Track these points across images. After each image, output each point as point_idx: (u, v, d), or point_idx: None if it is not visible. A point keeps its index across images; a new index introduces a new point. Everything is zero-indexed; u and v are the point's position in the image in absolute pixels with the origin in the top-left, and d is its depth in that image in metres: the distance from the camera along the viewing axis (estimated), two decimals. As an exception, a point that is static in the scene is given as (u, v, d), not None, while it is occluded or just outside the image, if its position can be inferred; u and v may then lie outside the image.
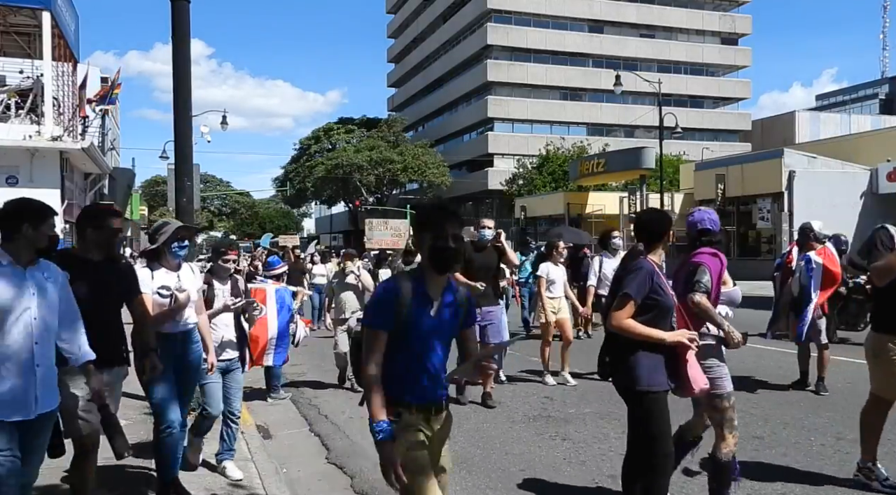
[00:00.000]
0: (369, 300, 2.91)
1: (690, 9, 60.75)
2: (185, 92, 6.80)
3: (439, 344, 2.87)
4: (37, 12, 17.06)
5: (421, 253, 2.89)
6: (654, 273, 3.68)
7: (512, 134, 57.74)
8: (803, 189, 26.08)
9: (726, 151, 45.60)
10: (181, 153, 6.91)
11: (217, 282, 5.09)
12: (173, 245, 4.45)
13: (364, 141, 58.25)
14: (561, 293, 8.46)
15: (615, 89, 30.04)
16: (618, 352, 3.70)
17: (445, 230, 2.79)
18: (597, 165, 36.18)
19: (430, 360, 2.84)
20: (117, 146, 35.11)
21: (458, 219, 2.89)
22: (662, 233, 3.89)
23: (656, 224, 3.90)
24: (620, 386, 3.75)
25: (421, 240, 2.87)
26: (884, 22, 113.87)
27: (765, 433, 5.93)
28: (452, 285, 2.96)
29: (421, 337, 2.80)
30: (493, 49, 57.29)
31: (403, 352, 2.79)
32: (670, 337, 3.61)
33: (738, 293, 4.63)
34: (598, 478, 4.93)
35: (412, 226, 2.92)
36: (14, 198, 3.26)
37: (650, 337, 3.60)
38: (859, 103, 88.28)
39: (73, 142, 17.40)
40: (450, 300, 2.90)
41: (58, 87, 18.50)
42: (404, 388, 2.79)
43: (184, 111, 6.83)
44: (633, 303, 3.61)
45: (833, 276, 7.37)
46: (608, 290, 4.08)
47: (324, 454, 5.76)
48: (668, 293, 3.74)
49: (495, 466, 5.26)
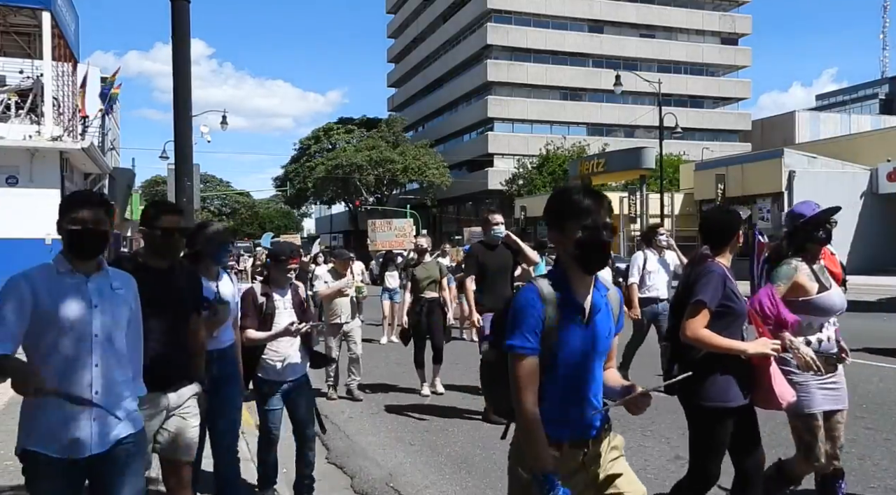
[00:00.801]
0: (510, 317, 2.30)
1: (690, 9, 60.75)
2: (185, 92, 6.80)
3: (595, 362, 2.36)
4: (37, 12, 17.06)
5: (560, 247, 2.37)
6: (726, 277, 3.40)
7: (512, 134, 57.73)
8: (803, 189, 26.08)
9: (726, 151, 45.64)
10: (181, 153, 6.90)
11: (277, 295, 4.44)
12: (218, 249, 4.03)
13: (364, 141, 58.25)
14: None
15: (615, 89, 30.06)
16: (690, 365, 3.26)
17: (597, 218, 2.28)
18: (597, 165, 36.19)
19: (587, 384, 2.34)
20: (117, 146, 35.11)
21: (609, 205, 2.37)
22: (732, 235, 3.55)
23: (725, 225, 3.57)
24: (685, 401, 3.41)
25: (561, 230, 2.33)
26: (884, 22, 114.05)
27: (764, 433, 5.90)
28: (599, 284, 2.43)
29: (574, 355, 2.29)
30: (493, 49, 57.29)
31: (551, 375, 2.28)
32: (752, 348, 3.28)
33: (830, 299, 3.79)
34: (598, 478, 4.92)
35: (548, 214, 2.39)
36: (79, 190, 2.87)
37: (730, 349, 3.27)
38: (859, 103, 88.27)
39: (73, 142, 17.39)
40: (600, 304, 2.38)
41: (58, 87, 18.50)
42: (554, 423, 2.28)
43: (184, 111, 6.83)
44: (707, 311, 3.28)
45: (833, 276, 7.37)
46: (673, 296, 3.72)
47: (324, 454, 5.76)
48: (741, 299, 3.44)
49: (495, 466, 5.26)
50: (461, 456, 5.54)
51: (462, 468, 5.23)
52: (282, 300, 4.43)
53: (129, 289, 2.77)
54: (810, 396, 3.68)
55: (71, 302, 2.54)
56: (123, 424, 2.68)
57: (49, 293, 2.53)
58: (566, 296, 2.30)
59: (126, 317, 2.71)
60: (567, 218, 2.32)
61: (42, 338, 2.51)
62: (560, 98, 58.88)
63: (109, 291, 2.65)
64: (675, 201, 34.28)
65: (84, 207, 2.58)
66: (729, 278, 3.42)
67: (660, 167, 31.12)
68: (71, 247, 2.60)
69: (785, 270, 3.77)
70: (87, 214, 2.56)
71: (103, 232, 2.60)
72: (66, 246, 2.61)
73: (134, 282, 2.81)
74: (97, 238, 2.59)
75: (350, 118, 64.32)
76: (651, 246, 8.33)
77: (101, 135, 24.17)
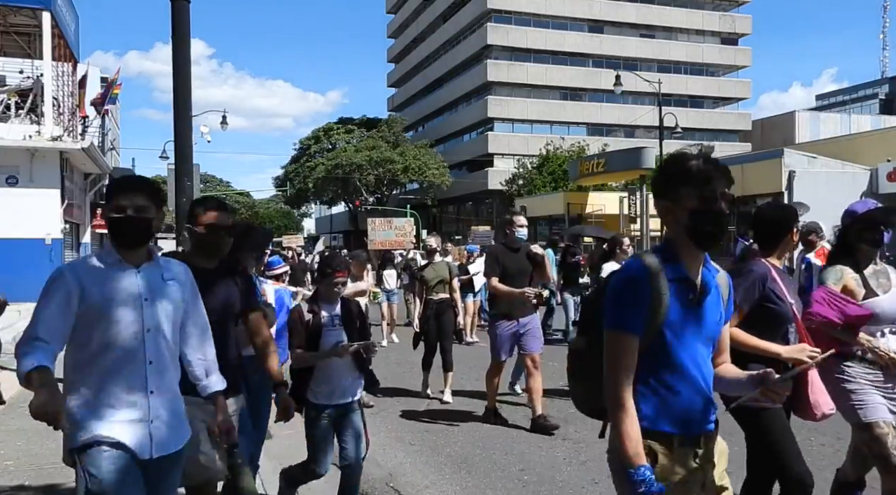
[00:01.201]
0: (611, 293, 2.09)
1: (690, 9, 60.75)
2: (185, 92, 6.80)
3: (706, 347, 2.13)
4: (37, 12, 17.06)
5: (670, 218, 2.13)
6: (767, 277, 3.24)
7: (512, 134, 57.73)
8: (803, 189, 26.08)
9: (726, 151, 45.62)
10: (181, 153, 6.90)
11: (325, 311, 4.10)
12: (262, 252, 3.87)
13: (364, 141, 58.24)
14: None
15: (615, 89, 30.06)
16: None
17: (716, 187, 2.04)
18: (597, 165, 36.17)
19: (699, 371, 2.08)
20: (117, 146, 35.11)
21: (729, 174, 2.11)
22: (785, 232, 3.35)
23: (777, 221, 3.38)
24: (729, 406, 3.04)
25: (674, 199, 2.09)
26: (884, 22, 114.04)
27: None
28: (710, 264, 2.19)
29: (683, 339, 2.05)
30: (493, 49, 57.28)
31: (658, 361, 2.05)
32: (786, 351, 3.11)
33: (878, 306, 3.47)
34: (599, 478, 4.92)
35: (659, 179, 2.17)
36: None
37: (762, 350, 3.13)
38: (859, 103, 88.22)
39: (73, 142, 17.39)
40: (712, 284, 2.14)
41: (58, 87, 18.50)
42: (661, 415, 2.05)
43: (184, 111, 6.83)
44: (739, 310, 3.11)
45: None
46: None
47: (324, 454, 5.75)
48: (786, 301, 3.25)
49: (495, 466, 5.26)
50: (461, 456, 5.54)
51: (462, 468, 5.23)
52: (329, 316, 4.09)
53: (184, 280, 2.58)
54: (866, 406, 3.42)
55: (120, 294, 2.37)
56: (178, 429, 2.51)
57: (97, 286, 2.35)
58: (676, 272, 2.05)
59: (179, 309, 2.53)
60: (681, 184, 2.08)
61: (91, 334, 2.34)
62: (560, 98, 58.88)
63: (160, 282, 2.48)
64: (675, 201, 34.26)
65: (127, 193, 2.41)
66: (772, 278, 3.26)
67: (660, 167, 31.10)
68: (114, 236, 2.44)
69: (831, 272, 3.57)
70: (130, 201, 2.40)
71: (147, 219, 2.43)
72: (110, 234, 2.47)
73: (189, 273, 2.62)
74: (141, 226, 2.42)
75: (350, 118, 64.33)
76: None
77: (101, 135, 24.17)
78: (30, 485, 4.74)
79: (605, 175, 36.35)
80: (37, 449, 5.54)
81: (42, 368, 2.16)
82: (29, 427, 6.20)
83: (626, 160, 33.97)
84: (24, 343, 2.24)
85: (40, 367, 2.16)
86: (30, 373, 2.14)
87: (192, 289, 2.61)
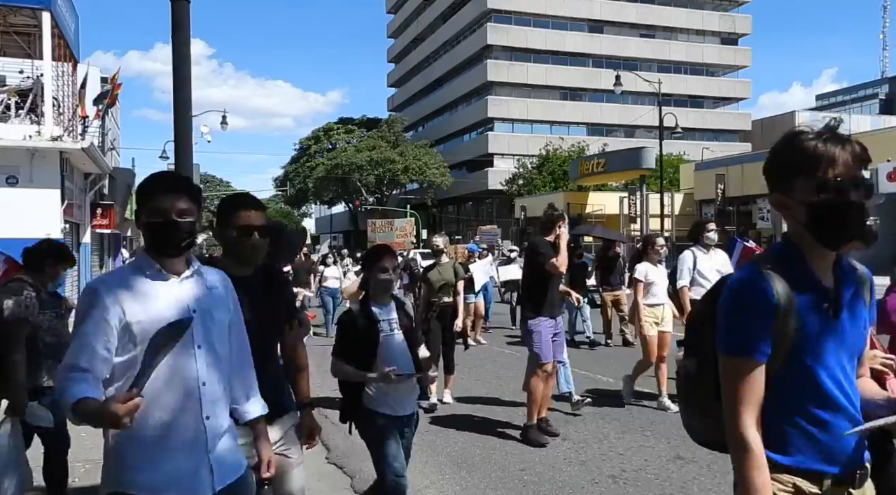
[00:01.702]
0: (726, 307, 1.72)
1: (690, 9, 60.79)
2: (185, 92, 6.79)
3: (850, 363, 1.74)
4: (37, 12, 17.05)
5: (788, 214, 1.73)
6: None
7: (512, 134, 57.78)
8: (803, 189, 26.09)
9: (726, 151, 45.66)
10: (181, 153, 6.90)
11: (380, 314, 3.58)
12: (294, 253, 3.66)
13: (364, 141, 58.31)
14: (664, 299, 7.05)
15: (615, 89, 30.07)
16: None
17: (843, 171, 1.65)
18: (597, 165, 36.22)
19: (846, 394, 1.71)
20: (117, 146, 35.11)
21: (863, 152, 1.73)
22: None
23: None
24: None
25: (789, 192, 1.71)
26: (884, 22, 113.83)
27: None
28: (844, 262, 1.79)
29: (824, 358, 1.68)
30: (493, 49, 57.31)
31: (796, 390, 1.69)
32: None
33: None
34: (598, 478, 4.92)
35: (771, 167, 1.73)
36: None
37: None
38: (859, 103, 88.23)
39: (73, 142, 17.38)
40: (849, 288, 1.75)
41: (58, 87, 18.49)
42: (808, 452, 1.68)
43: (184, 111, 6.82)
44: None
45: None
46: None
47: (324, 454, 5.75)
48: None
49: (495, 466, 5.26)
50: (461, 456, 5.53)
51: (462, 468, 5.23)
52: (386, 321, 3.56)
53: (227, 289, 2.30)
54: None
55: (165, 308, 2.07)
56: (236, 454, 2.22)
57: (137, 301, 2.06)
58: (804, 278, 1.68)
59: (227, 322, 2.24)
60: (798, 173, 1.68)
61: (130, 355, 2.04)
62: (560, 98, 58.92)
63: (206, 292, 2.19)
64: (675, 201, 34.31)
65: (168, 195, 2.11)
66: None
67: (660, 167, 31.13)
68: (153, 244, 2.13)
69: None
70: (172, 203, 2.10)
71: (191, 224, 2.14)
72: (148, 242, 2.16)
73: (228, 282, 2.33)
74: (183, 231, 2.12)
75: (350, 118, 64.41)
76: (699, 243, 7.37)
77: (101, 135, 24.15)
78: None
79: (605, 175, 36.41)
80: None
81: (88, 400, 1.86)
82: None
83: (626, 160, 34.01)
84: (64, 373, 1.96)
85: (86, 398, 1.85)
86: (75, 406, 1.84)
87: (234, 301, 2.32)
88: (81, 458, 5.10)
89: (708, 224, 7.58)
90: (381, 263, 3.56)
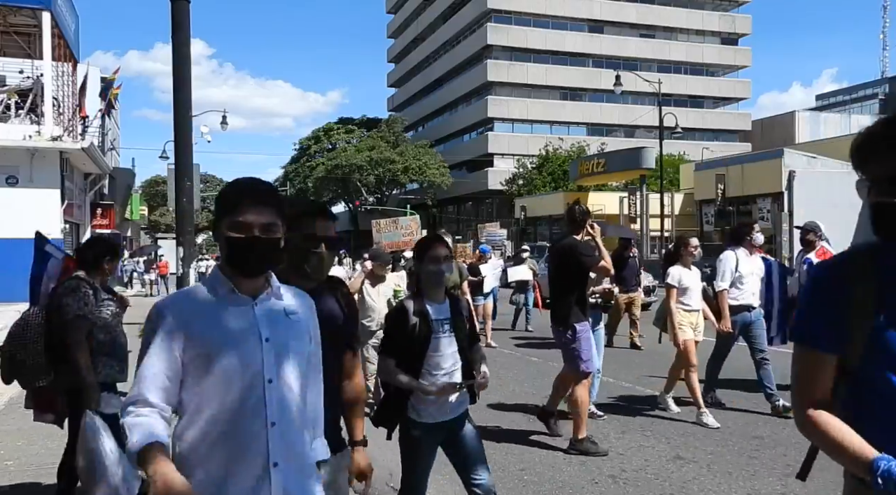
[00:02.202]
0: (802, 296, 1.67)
1: (690, 9, 60.79)
2: (185, 92, 6.81)
3: None
4: (37, 12, 17.07)
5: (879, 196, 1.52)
6: None
7: (512, 134, 57.77)
8: (803, 189, 26.09)
9: (726, 151, 45.66)
10: (181, 153, 6.90)
11: (434, 313, 3.24)
12: None
13: (364, 141, 58.30)
14: (699, 305, 6.63)
15: (615, 89, 30.08)
16: None
17: None
18: (597, 165, 36.21)
19: None
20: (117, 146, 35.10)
21: None
22: None
23: None
24: None
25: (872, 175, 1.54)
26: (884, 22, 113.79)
27: (765, 433, 5.93)
28: None
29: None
30: (493, 49, 57.31)
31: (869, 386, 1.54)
32: None
33: None
34: (598, 478, 4.92)
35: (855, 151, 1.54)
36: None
37: None
38: (859, 103, 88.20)
39: (73, 142, 17.39)
40: None
41: (58, 87, 18.51)
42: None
43: (184, 111, 6.84)
44: None
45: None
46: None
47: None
48: None
49: (495, 466, 5.25)
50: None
51: (462, 468, 5.23)
52: (439, 320, 3.25)
53: (308, 313, 2.02)
54: None
55: (236, 337, 1.83)
56: None
57: (205, 325, 1.83)
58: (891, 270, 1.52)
59: (305, 353, 1.96)
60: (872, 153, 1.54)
61: (196, 389, 1.82)
62: (560, 98, 58.91)
63: (283, 319, 1.92)
64: (675, 201, 34.29)
65: (255, 208, 1.86)
66: None
67: (660, 167, 31.13)
68: (231, 260, 1.89)
69: None
70: (257, 217, 1.85)
71: (275, 241, 1.89)
72: (226, 258, 1.90)
73: (311, 302, 2.06)
74: (270, 250, 1.88)
75: (350, 118, 64.39)
76: (741, 243, 6.89)
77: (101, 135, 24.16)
78: (30, 485, 4.73)
79: (605, 175, 36.38)
80: (37, 449, 5.54)
81: (155, 446, 1.68)
82: (29, 427, 6.20)
83: (626, 160, 33.99)
84: (129, 407, 1.76)
85: (153, 444, 1.68)
86: (142, 453, 1.67)
87: (315, 325, 2.03)
88: (81, 458, 5.11)
89: (755, 224, 7.22)
90: (430, 253, 3.22)
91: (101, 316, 3.90)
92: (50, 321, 3.84)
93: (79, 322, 3.76)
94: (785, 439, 5.76)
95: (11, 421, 6.48)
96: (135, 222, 38.39)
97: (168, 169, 14.39)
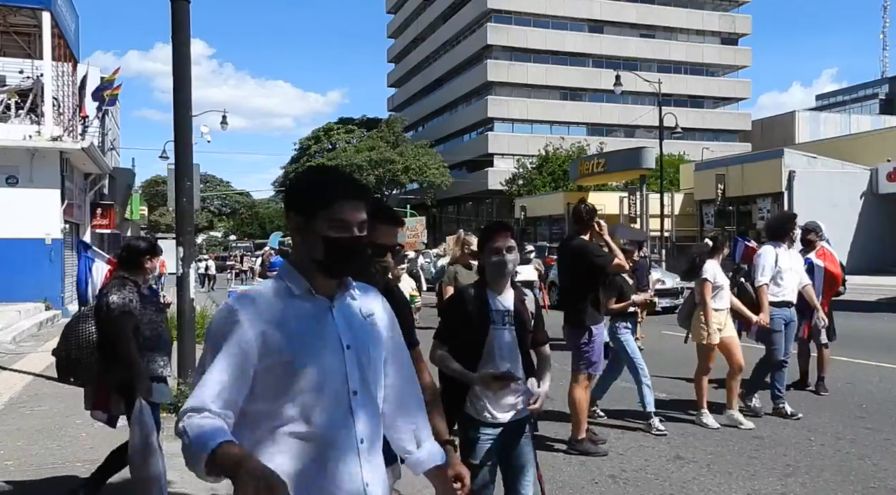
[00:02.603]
0: None
1: (690, 9, 60.78)
2: (186, 92, 6.80)
3: None
4: (37, 12, 17.06)
5: None
6: None
7: (512, 134, 57.75)
8: (803, 189, 26.11)
9: (726, 151, 45.66)
10: (181, 153, 6.90)
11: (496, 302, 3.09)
12: None
13: (364, 141, 58.31)
14: (727, 304, 6.27)
15: (615, 89, 30.05)
16: None
17: None
18: (597, 165, 36.17)
19: None
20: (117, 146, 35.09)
21: None
22: None
23: None
24: None
25: None
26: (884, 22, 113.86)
27: (765, 433, 5.93)
28: None
29: None
30: (493, 49, 57.30)
31: None
32: None
33: None
34: (598, 478, 4.92)
35: None
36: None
37: None
38: (859, 103, 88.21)
39: (73, 142, 17.38)
40: None
41: (58, 87, 18.49)
42: None
43: (184, 111, 6.83)
44: None
45: (834, 277, 7.40)
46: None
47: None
48: None
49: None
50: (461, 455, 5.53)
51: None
52: (499, 311, 3.06)
53: (381, 309, 1.85)
54: None
55: (315, 341, 1.65)
56: None
57: (283, 330, 1.63)
58: None
59: (382, 359, 1.79)
60: None
61: (274, 404, 1.62)
62: (560, 98, 58.91)
63: (361, 321, 1.75)
64: (675, 201, 34.27)
65: (352, 204, 1.69)
66: None
67: (660, 167, 31.10)
68: (326, 261, 1.69)
69: None
70: (354, 216, 1.69)
71: (368, 239, 1.77)
72: (320, 258, 1.69)
73: (386, 303, 1.89)
74: (364, 251, 1.77)
75: (350, 118, 64.43)
76: (780, 239, 6.63)
77: (101, 135, 24.14)
78: (30, 485, 4.73)
79: (605, 175, 36.34)
80: (37, 449, 5.53)
81: (228, 443, 1.46)
82: (29, 427, 6.20)
83: (626, 160, 33.95)
84: (190, 413, 1.55)
85: (224, 443, 1.46)
86: (214, 453, 1.44)
87: (392, 323, 1.85)
88: (82, 458, 5.11)
89: (794, 218, 6.94)
90: (492, 243, 3.02)
91: (145, 312, 4.04)
92: (99, 319, 4.00)
93: (124, 318, 3.91)
94: (785, 439, 5.76)
95: (11, 421, 6.48)
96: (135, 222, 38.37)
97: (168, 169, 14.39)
